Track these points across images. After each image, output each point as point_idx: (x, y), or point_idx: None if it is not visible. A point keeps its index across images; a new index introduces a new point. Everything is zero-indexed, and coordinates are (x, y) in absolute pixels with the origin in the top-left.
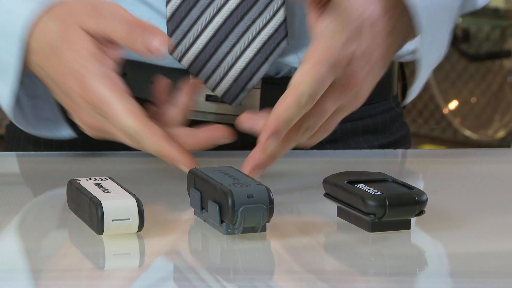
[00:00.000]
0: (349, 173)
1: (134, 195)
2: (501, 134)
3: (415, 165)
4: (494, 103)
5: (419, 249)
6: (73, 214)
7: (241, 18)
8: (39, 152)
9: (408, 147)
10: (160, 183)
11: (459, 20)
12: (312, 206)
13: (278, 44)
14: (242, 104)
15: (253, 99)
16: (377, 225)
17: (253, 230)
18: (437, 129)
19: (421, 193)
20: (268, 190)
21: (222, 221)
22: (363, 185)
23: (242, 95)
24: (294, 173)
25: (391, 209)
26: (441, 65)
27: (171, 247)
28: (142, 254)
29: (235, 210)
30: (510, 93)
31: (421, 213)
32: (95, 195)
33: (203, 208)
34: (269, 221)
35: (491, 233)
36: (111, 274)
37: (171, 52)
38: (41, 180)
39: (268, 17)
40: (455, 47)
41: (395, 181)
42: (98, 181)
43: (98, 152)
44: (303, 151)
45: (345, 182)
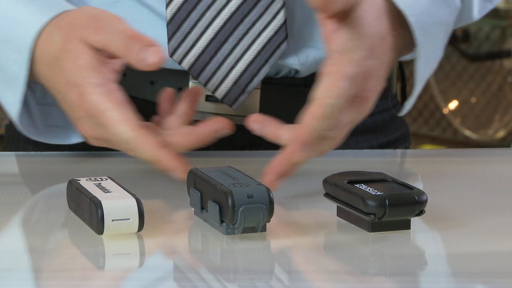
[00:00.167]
0: (349, 173)
1: (134, 195)
2: (501, 134)
3: (415, 165)
4: (494, 103)
5: (419, 249)
6: (73, 214)
7: (241, 20)
8: (39, 152)
9: (407, 146)
10: (160, 183)
11: None
12: (312, 206)
13: (278, 46)
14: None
15: (253, 99)
16: (377, 225)
17: (253, 230)
18: (437, 129)
19: (421, 193)
20: (268, 190)
21: (222, 221)
22: (363, 185)
23: (242, 97)
24: (294, 173)
25: (391, 209)
26: (441, 65)
27: (171, 247)
28: (142, 254)
29: (235, 210)
30: (510, 93)
31: (421, 213)
32: (95, 195)
33: (203, 208)
34: (269, 221)
35: (491, 233)
36: (111, 274)
37: (171, 54)
38: (41, 180)
39: (268, 19)
40: (455, 47)
41: (395, 181)
42: (98, 181)
43: (98, 152)
44: None
45: (345, 182)
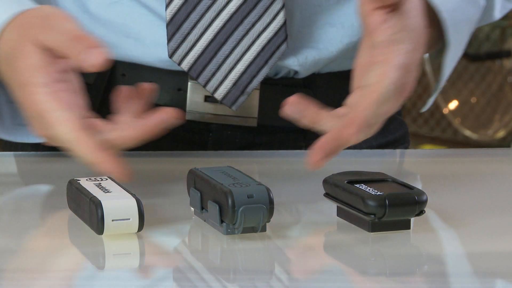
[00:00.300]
0: (349, 173)
1: (134, 195)
2: (501, 134)
3: (414, 165)
4: (494, 103)
5: (419, 249)
6: (73, 214)
7: (241, 21)
8: (39, 152)
9: (406, 147)
10: (160, 183)
11: None
12: (312, 206)
13: (278, 47)
14: None
15: (252, 100)
16: (377, 225)
17: (253, 230)
18: (437, 129)
19: (421, 193)
20: (268, 190)
21: (222, 221)
22: (363, 185)
23: (241, 99)
24: (294, 173)
25: (391, 209)
26: None
27: (171, 247)
28: (142, 254)
29: (235, 210)
30: (510, 93)
31: (421, 213)
32: (95, 195)
33: (203, 208)
34: (269, 221)
35: (491, 233)
36: (111, 274)
37: (171, 55)
38: (41, 180)
39: (268, 20)
40: None
41: (395, 181)
42: (98, 181)
43: None
44: (302, 151)
45: (345, 182)
